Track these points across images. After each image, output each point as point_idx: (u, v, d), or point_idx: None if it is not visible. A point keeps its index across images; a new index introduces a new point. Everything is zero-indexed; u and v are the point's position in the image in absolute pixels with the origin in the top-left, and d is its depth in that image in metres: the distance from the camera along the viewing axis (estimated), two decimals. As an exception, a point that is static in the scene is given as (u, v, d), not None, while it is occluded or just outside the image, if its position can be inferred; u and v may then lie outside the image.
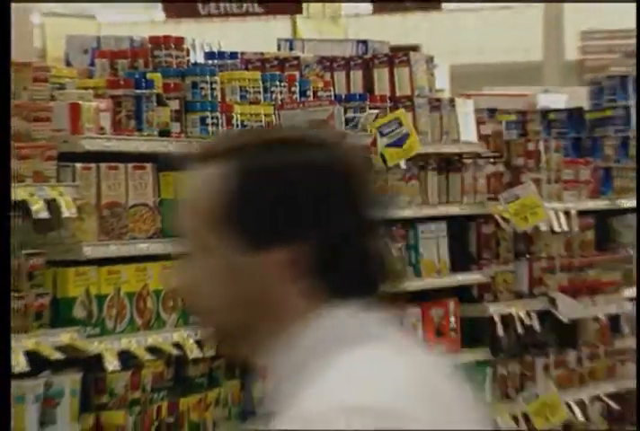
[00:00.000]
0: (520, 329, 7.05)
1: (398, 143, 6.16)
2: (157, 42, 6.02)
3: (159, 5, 12.93)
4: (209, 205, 2.55)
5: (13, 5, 12.88)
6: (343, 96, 6.55)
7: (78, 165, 5.27)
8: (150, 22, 16.12)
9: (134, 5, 20.95)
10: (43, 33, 11.31)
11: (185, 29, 10.48)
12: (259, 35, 11.09)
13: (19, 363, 5.03)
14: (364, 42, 7.21)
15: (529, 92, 9.72)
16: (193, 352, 5.64)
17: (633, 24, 24.43)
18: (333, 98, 6.48)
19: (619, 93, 8.31)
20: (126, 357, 5.48)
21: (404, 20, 14.37)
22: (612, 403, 7.88)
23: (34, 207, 5.09)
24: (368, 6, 13.48)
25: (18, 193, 5.04)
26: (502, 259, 6.97)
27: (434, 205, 6.63)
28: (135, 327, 5.58)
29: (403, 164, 6.28)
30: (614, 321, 8.05)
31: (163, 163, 5.62)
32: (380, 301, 2.42)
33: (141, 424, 5.52)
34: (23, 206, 5.10)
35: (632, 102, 8.52)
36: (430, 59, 6.91)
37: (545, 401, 7.17)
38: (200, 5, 12.49)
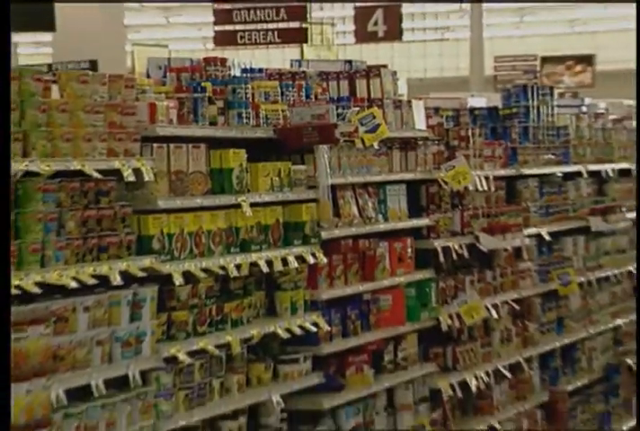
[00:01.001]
0: (454, 257, 7.08)
1: (373, 130, 6.28)
2: (209, 62, 5.98)
3: (211, 38, 12.91)
4: None
5: (113, 37, 12.68)
6: (335, 98, 6.56)
7: (155, 145, 5.04)
8: (205, 50, 16.05)
9: (194, 38, 20.89)
10: (133, 57, 11.38)
11: (228, 53, 10.53)
12: (278, 57, 11.14)
13: (115, 278, 4.64)
14: (349, 62, 7.29)
15: (461, 97, 9.69)
16: (233, 273, 5.36)
17: (533, 51, 24.68)
18: (328, 99, 6.49)
19: (522, 97, 8.24)
20: (187, 276, 5.17)
21: (377, 47, 14.19)
22: (515, 306, 7.81)
23: (125, 174, 4.80)
24: (352, 38, 13.37)
25: (115, 164, 4.78)
26: (443, 209, 6.98)
27: (397, 172, 6.70)
28: (193, 255, 5.24)
29: (376, 145, 6.42)
30: (517, 250, 7.92)
31: (212, 144, 5.46)
32: None
33: (198, 320, 5.25)
34: (119, 173, 4.79)
35: (531, 103, 8.53)
36: (394, 74, 7.07)
37: (471, 305, 7.08)
38: (238, 37, 12.62)
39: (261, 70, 6.17)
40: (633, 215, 9.67)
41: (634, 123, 10.56)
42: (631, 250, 9.50)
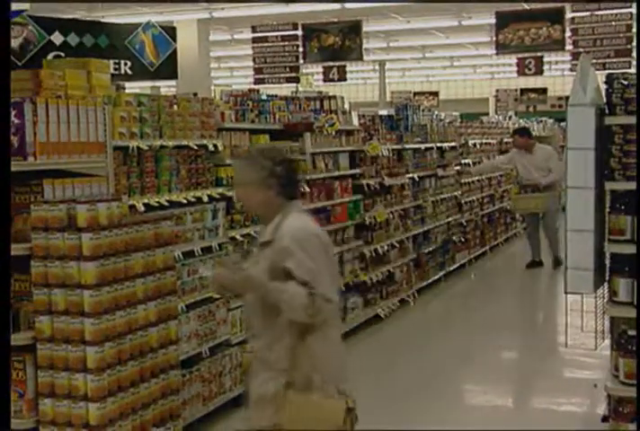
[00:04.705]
0: (372, 188, 7.02)
1: (331, 125, 6.24)
2: (250, 91, 5.62)
3: (252, 79, 12.76)
4: (263, 176, 2.62)
5: (205, 81, 12.50)
6: (314, 110, 6.26)
7: (224, 132, 4.77)
8: (248, 83, 15.71)
9: (242, 76, 20.75)
10: (214, 90, 11.08)
11: (260, 87, 10.37)
12: (285, 89, 10.86)
13: (205, 198, 4.38)
14: (320, 92, 7.26)
15: (375, 110, 9.59)
16: None
17: (410, 89, 22.40)
18: (310, 110, 6.10)
19: (404, 110, 7.86)
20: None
21: (334, 86, 13.88)
22: (401, 212, 7.40)
23: (209, 146, 4.52)
24: (321, 80, 13.17)
25: (204, 141, 4.49)
26: (366, 165, 7.03)
27: (343, 146, 6.57)
28: None
29: (333, 133, 6.46)
30: (402, 185, 7.33)
31: (252, 132, 5.04)
32: (298, 199, 2.73)
33: (245, 219, 4.86)
34: (206, 147, 4.51)
35: (409, 113, 7.91)
36: (342, 98, 6.96)
37: (379, 212, 6.70)
38: (266, 80, 12.49)
39: (276, 95, 6.12)
40: (458, 167, 9.53)
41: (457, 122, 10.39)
42: (456, 185, 9.46)
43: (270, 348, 2.55)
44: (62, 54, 7.80)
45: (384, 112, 8.79)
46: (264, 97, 5.75)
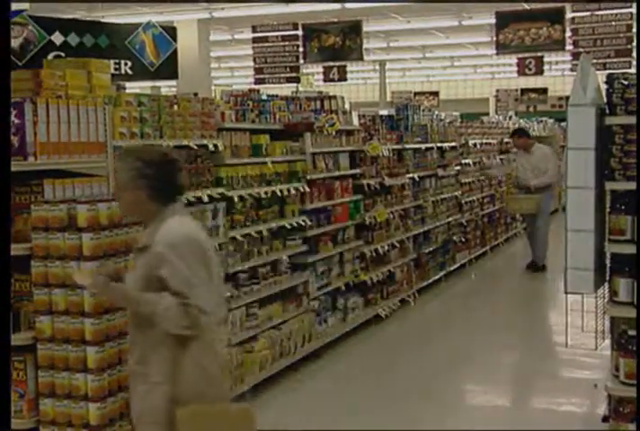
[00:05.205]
0: (372, 188, 7.05)
1: (332, 125, 6.29)
2: (250, 91, 5.58)
3: (252, 78, 12.73)
4: (130, 176, 2.52)
5: (206, 81, 12.28)
6: (314, 110, 6.08)
7: (224, 132, 4.77)
8: (248, 83, 15.68)
9: (243, 76, 20.76)
10: (214, 90, 11.04)
11: (260, 87, 10.35)
12: (286, 89, 10.83)
13: (205, 198, 4.38)
14: (320, 92, 7.29)
15: (375, 110, 9.60)
16: (263, 195, 5.09)
17: (410, 89, 22.05)
18: (310, 110, 6.07)
19: (404, 110, 7.86)
20: (240, 197, 4.86)
21: (335, 85, 13.86)
22: (401, 212, 7.56)
23: (210, 146, 4.52)
24: (321, 80, 13.14)
25: (204, 141, 4.48)
26: (366, 165, 7.05)
27: (344, 146, 6.62)
28: (243, 187, 4.92)
29: (333, 133, 6.50)
30: (402, 185, 7.35)
31: (252, 132, 5.09)
32: (180, 202, 2.62)
33: (245, 219, 4.94)
34: (206, 146, 4.50)
35: (409, 113, 7.90)
36: (342, 98, 6.98)
37: (380, 212, 6.68)
38: (267, 80, 12.49)
39: (276, 95, 6.10)
40: (458, 167, 9.51)
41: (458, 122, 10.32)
42: (456, 185, 9.45)
43: (145, 361, 2.46)
44: (62, 54, 7.78)
45: (384, 112, 8.78)
46: (265, 97, 5.74)
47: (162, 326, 2.36)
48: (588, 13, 11.05)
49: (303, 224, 5.67)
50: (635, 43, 10.79)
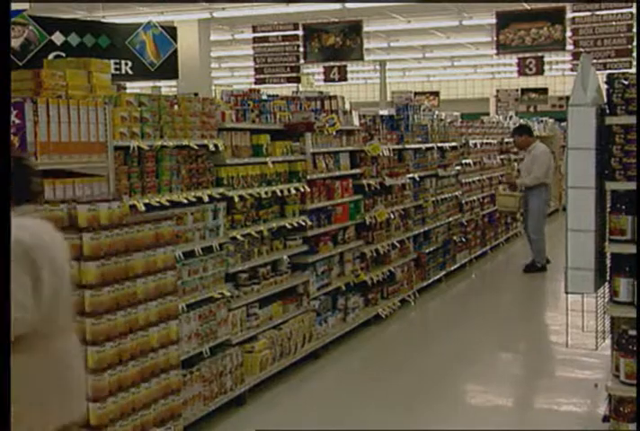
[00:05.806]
0: (372, 188, 7.07)
1: (332, 125, 6.30)
2: (251, 91, 5.55)
3: (253, 78, 12.74)
4: None
5: (206, 81, 12.40)
6: (314, 109, 6.26)
7: (224, 132, 4.75)
8: (249, 83, 15.67)
9: (243, 76, 20.77)
10: (215, 90, 11.08)
11: (260, 87, 10.35)
12: (286, 89, 10.79)
13: (205, 198, 4.36)
14: (321, 92, 7.28)
15: (376, 109, 9.60)
16: (263, 195, 5.16)
17: (411, 89, 21.91)
18: (310, 110, 6.05)
19: (405, 110, 7.86)
20: (241, 197, 4.85)
21: (334, 86, 13.89)
22: (402, 212, 7.77)
23: (210, 146, 4.51)
24: (322, 80, 13.16)
25: (205, 141, 4.47)
26: (367, 165, 7.07)
27: (344, 146, 6.68)
28: (243, 187, 4.92)
29: (334, 133, 6.47)
30: (403, 185, 7.38)
31: (253, 132, 5.14)
32: (31, 204, 2.33)
33: (246, 219, 4.96)
34: (206, 146, 4.49)
35: (409, 113, 7.87)
36: (342, 98, 6.98)
37: (380, 211, 6.59)
38: (267, 80, 12.49)
39: (277, 95, 6.09)
40: (458, 167, 9.50)
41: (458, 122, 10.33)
42: (456, 185, 9.42)
43: None
44: (63, 54, 7.81)
45: (384, 112, 8.79)
46: (265, 97, 5.75)
47: None
48: (588, 13, 11.10)
49: (303, 223, 5.68)
50: (635, 43, 10.85)
